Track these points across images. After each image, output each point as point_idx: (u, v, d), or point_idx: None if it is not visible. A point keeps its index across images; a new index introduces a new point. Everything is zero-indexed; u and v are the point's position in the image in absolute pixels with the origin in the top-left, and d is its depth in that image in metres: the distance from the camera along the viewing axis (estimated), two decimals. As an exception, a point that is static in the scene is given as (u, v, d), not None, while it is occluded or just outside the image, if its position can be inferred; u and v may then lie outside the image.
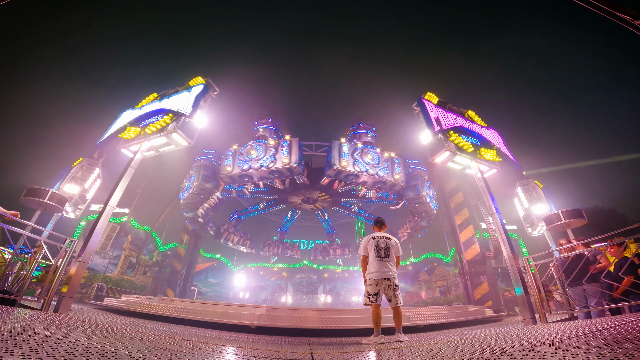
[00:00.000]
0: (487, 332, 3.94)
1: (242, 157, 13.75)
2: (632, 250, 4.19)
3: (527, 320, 5.31)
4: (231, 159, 13.88)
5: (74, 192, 8.37)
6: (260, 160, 13.38)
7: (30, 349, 1.63)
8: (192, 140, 7.72)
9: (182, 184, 16.54)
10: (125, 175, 6.77)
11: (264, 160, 13.34)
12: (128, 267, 18.34)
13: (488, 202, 6.96)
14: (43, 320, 3.03)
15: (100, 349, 2.00)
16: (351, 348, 3.48)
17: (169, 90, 9.14)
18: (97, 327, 3.33)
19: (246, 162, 13.56)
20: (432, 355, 2.29)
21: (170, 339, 3.22)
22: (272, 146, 13.64)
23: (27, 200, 7.11)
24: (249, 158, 13.60)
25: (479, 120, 9.50)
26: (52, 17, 27.57)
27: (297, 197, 19.14)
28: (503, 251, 6.24)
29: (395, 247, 4.30)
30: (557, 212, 7.69)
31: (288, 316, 6.51)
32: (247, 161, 13.57)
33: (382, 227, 4.55)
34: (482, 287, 14.95)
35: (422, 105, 8.73)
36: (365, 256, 4.29)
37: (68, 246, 5.31)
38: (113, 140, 8.44)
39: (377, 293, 4.01)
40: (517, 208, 9.50)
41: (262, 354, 2.85)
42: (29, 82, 24.54)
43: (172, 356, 2.09)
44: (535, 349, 2.03)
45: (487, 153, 8.03)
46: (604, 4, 3.80)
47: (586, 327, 2.78)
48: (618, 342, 1.82)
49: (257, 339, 4.61)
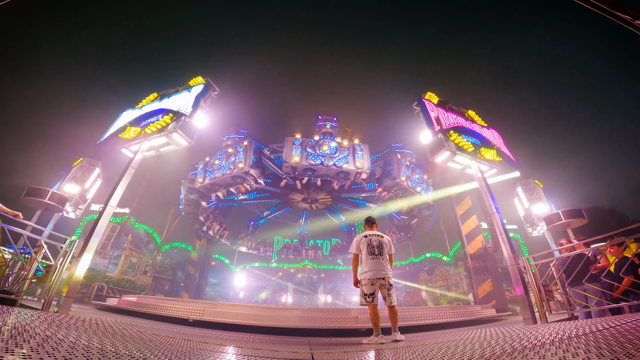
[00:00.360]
0: (487, 331, 3.94)
1: (209, 168, 14.43)
2: (632, 250, 4.19)
3: (528, 320, 5.31)
4: (201, 171, 14.58)
5: (74, 192, 8.38)
6: (221, 168, 14.01)
7: (31, 348, 1.64)
8: (192, 140, 7.73)
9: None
10: (126, 175, 6.77)
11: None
12: (128, 267, 18.36)
13: (488, 201, 6.96)
14: (43, 320, 3.03)
15: (101, 348, 2.00)
16: (351, 348, 3.48)
17: (169, 90, 9.15)
18: (97, 327, 3.33)
19: (212, 173, 14.27)
20: (433, 355, 2.30)
21: (170, 339, 3.22)
22: (231, 153, 14.12)
23: (28, 200, 7.12)
24: (214, 168, 14.29)
25: (479, 120, 9.50)
26: (51, 18, 27.58)
27: (297, 197, 19.15)
28: (503, 251, 6.25)
29: (388, 244, 4.28)
30: (558, 211, 7.70)
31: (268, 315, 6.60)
32: (212, 171, 14.27)
33: (372, 225, 4.53)
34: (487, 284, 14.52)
35: (422, 105, 8.73)
36: (357, 255, 4.25)
37: (68, 246, 5.31)
38: (113, 140, 8.45)
39: (373, 293, 3.99)
40: (517, 208, 9.50)
41: (263, 353, 2.85)
42: (29, 82, 24.56)
43: (172, 356, 2.10)
44: (535, 349, 2.03)
45: (488, 153, 8.03)
46: (604, 4, 3.79)
47: (586, 326, 2.78)
48: (618, 342, 1.82)
49: (257, 338, 4.61)
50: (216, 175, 13.96)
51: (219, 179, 13.92)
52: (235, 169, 13.62)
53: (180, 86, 9.04)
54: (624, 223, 16.02)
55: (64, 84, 26.24)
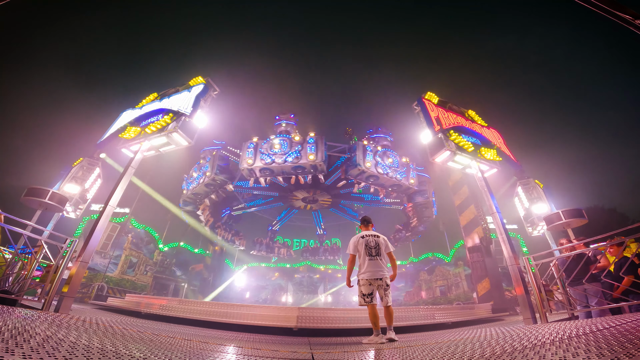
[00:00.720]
0: (487, 331, 3.93)
1: (265, 151, 13.72)
2: (632, 250, 4.18)
3: (528, 320, 5.31)
4: (252, 151, 13.78)
5: (74, 192, 8.37)
6: (285, 155, 13.46)
7: (31, 348, 1.64)
8: (192, 140, 7.73)
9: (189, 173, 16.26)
10: (126, 175, 6.77)
11: (288, 155, 13.43)
12: (129, 267, 18.37)
13: (489, 201, 6.96)
14: (44, 320, 3.03)
15: (101, 348, 2.00)
16: (352, 348, 3.48)
17: (169, 90, 9.14)
18: (97, 326, 3.33)
19: (269, 156, 13.58)
20: (433, 355, 2.29)
21: (171, 339, 3.22)
22: (298, 142, 13.70)
23: (28, 200, 7.11)
24: (273, 152, 13.61)
25: (480, 119, 9.50)
26: (52, 19, 27.56)
27: (299, 196, 19.14)
28: (504, 250, 6.24)
29: (385, 244, 4.30)
30: (558, 211, 7.67)
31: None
32: (271, 155, 13.58)
33: (368, 225, 4.56)
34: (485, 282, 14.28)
35: (422, 105, 8.73)
36: (354, 255, 4.29)
37: (69, 246, 5.31)
38: (113, 140, 8.45)
39: (371, 293, 4.02)
40: (517, 207, 9.48)
41: (263, 353, 2.85)
42: (29, 82, 24.56)
43: (173, 356, 2.10)
44: (535, 349, 2.03)
45: (488, 152, 8.02)
46: (604, 4, 3.79)
47: (587, 326, 2.78)
48: (619, 342, 1.82)
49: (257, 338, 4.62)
50: (276, 160, 13.66)
51: (279, 164, 13.67)
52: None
53: (180, 86, 9.03)
54: (624, 223, 16.01)
55: (64, 84, 26.27)
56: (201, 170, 15.03)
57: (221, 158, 14.67)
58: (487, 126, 9.38)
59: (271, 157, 13.53)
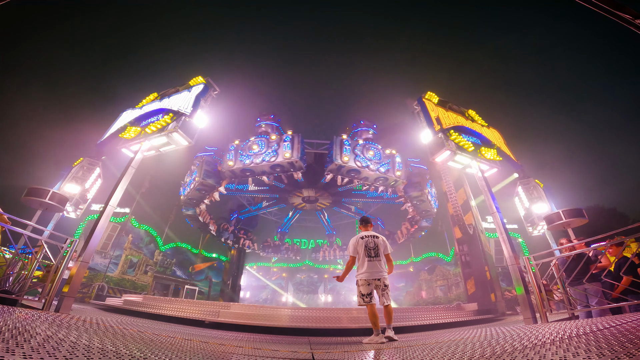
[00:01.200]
0: (487, 331, 3.93)
1: (244, 152, 13.99)
2: (633, 249, 4.18)
3: (528, 320, 5.31)
4: (233, 153, 14.08)
5: (74, 192, 8.37)
6: (262, 154, 13.61)
7: (32, 348, 1.64)
8: (192, 140, 7.72)
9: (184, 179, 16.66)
10: (126, 175, 6.77)
11: (265, 155, 13.53)
12: (129, 267, 18.37)
13: (489, 201, 6.96)
14: (44, 320, 3.03)
15: (102, 348, 2.00)
16: (352, 347, 3.48)
17: (169, 89, 9.14)
18: (98, 326, 3.33)
19: (248, 157, 13.81)
20: (433, 354, 2.29)
21: (171, 339, 3.22)
22: (274, 141, 13.78)
23: (28, 200, 7.11)
24: (251, 153, 13.84)
25: (480, 119, 9.49)
26: (52, 19, 27.58)
27: (298, 197, 19.16)
28: (504, 250, 6.24)
29: (384, 244, 4.32)
30: (558, 211, 7.66)
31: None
32: (249, 156, 13.81)
33: (367, 225, 4.57)
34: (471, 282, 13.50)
35: (423, 105, 8.72)
36: (354, 257, 4.32)
37: (69, 246, 5.31)
38: (114, 140, 8.45)
39: (370, 293, 4.05)
40: (517, 207, 9.48)
41: (263, 353, 2.85)
42: (30, 82, 24.57)
43: (173, 356, 2.10)
44: (535, 349, 2.02)
45: (488, 152, 8.02)
46: (604, 3, 3.78)
47: (587, 326, 2.78)
48: (619, 342, 1.82)
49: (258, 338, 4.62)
50: (254, 161, 13.88)
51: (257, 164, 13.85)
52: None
53: (180, 86, 9.03)
54: (624, 223, 15.96)
55: (64, 84, 26.28)
56: (192, 175, 15.55)
57: (208, 163, 14.86)
58: (488, 126, 9.38)
59: (250, 157, 13.72)
